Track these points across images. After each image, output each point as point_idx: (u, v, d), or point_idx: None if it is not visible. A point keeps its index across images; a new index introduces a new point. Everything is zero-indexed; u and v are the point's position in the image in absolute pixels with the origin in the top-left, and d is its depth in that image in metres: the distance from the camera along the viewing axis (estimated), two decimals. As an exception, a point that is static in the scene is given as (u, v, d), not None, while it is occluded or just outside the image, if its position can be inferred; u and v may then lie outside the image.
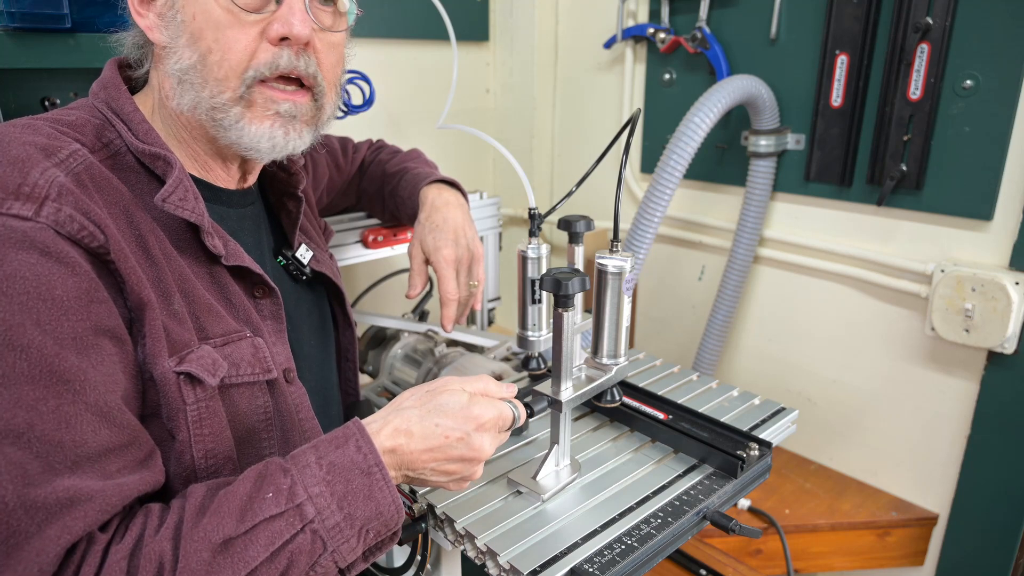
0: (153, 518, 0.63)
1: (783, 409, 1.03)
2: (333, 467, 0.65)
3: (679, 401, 1.00)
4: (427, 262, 1.09)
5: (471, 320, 1.56)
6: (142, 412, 0.70)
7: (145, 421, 0.70)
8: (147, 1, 0.77)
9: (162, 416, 0.71)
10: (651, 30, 1.76)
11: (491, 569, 0.73)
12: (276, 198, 0.98)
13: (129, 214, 0.71)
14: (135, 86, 0.83)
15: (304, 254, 0.96)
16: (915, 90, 1.37)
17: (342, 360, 1.10)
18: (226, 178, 0.87)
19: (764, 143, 1.59)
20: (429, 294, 1.12)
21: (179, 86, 0.76)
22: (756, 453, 0.87)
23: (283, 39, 0.75)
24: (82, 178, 0.68)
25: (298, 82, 0.79)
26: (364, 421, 0.70)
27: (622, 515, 0.79)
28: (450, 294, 1.06)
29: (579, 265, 0.88)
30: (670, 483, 0.85)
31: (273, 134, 0.78)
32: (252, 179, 0.91)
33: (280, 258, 0.94)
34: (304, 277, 0.96)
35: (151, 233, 0.73)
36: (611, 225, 0.77)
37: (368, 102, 1.34)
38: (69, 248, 0.63)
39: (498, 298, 1.66)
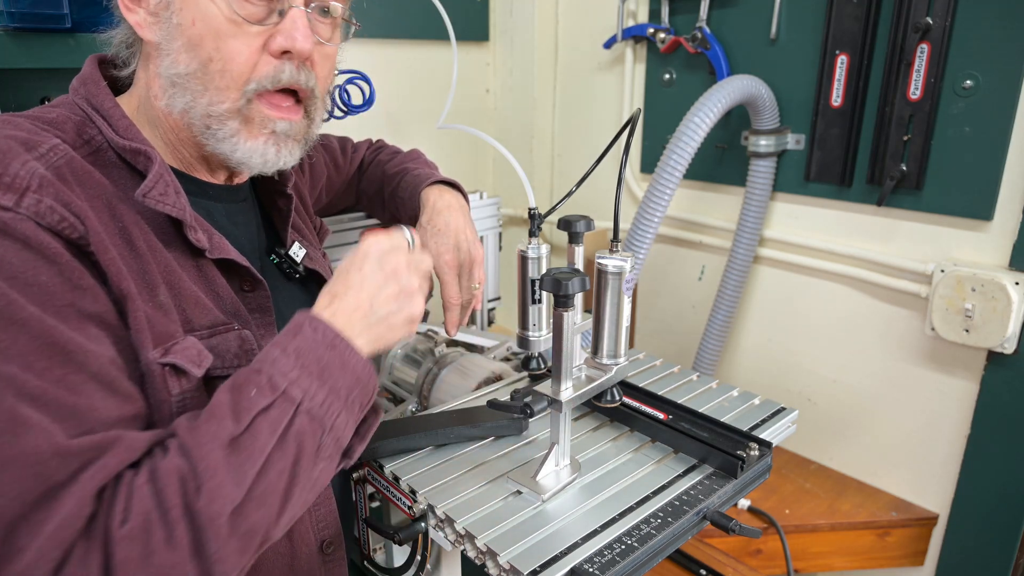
0: (157, 450, 0.64)
1: (783, 409, 1.03)
2: (299, 351, 0.67)
3: (679, 401, 1.00)
4: None
5: (471, 320, 1.56)
6: None
7: None
8: None
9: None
10: (651, 30, 1.76)
11: (491, 569, 0.73)
12: (267, 196, 0.97)
13: (112, 207, 0.71)
14: (121, 85, 0.83)
15: (297, 252, 0.96)
16: (915, 90, 1.37)
17: None
18: (212, 179, 0.87)
19: (764, 143, 1.59)
20: (430, 294, 1.13)
21: (171, 88, 0.76)
22: (756, 453, 0.87)
23: (284, 52, 0.76)
24: (63, 172, 0.68)
25: (294, 95, 0.80)
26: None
27: (622, 515, 0.79)
28: (453, 299, 1.07)
29: (579, 265, 0.88)
30: (670, 483, 0.85)
31: (266, 151, 0.80)
32: (239, 180, 0.92)
33: (273, 256, 0.95)
34: (298, 275, 0.96)
35: (135, 226, 0.72)
36: (611, 225, 0.77)
37: (368, 102, 1.34)
38: (50, 239, 0.63)
39: (498, 298, 1.65)
